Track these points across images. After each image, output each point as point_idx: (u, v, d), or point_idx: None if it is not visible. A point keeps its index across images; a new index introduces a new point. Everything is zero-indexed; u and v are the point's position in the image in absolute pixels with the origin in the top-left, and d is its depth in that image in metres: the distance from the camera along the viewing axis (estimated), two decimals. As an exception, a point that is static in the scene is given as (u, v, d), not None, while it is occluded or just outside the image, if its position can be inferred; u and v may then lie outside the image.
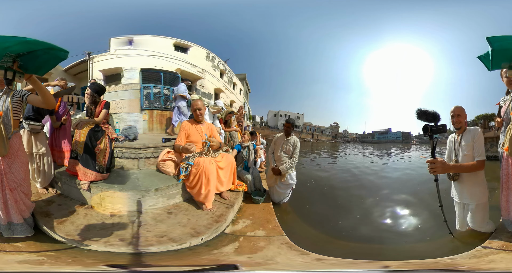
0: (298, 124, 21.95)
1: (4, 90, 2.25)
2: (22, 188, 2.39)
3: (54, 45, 2.05)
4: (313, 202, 4.08)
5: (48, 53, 2.12)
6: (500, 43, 2.04)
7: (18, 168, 2.33)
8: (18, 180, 2.34)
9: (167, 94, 6.93)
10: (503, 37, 2.02)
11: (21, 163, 2.36)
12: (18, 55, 2.05)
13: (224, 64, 8.93)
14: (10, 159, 2.28)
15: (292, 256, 2.27)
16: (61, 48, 2.10)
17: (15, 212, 2.33)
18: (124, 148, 3.69)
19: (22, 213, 2.39)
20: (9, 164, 2.28)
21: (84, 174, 2.98)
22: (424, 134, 2.32)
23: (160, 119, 6.79)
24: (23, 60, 2.10)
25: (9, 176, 2.27)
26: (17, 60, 2.08)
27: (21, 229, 2.36)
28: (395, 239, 2.88)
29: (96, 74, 6.53)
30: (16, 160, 2.32)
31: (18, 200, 2.36)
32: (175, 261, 2.20)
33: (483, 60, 2.37)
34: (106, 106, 3.37)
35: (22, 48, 1.99)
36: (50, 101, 2.25)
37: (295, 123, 3.97)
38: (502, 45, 2.06)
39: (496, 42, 2.05)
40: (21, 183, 2.37)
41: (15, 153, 2.31)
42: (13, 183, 2.31)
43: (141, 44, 6.79)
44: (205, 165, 3.06)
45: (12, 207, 2.31)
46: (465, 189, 2.50)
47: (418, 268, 2.04)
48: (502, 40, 2.03)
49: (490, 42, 2.06)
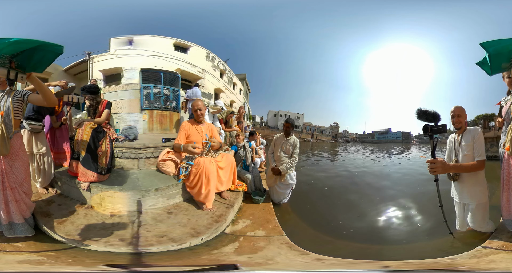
0: (298, 124, 21.96)
1: (5, 90, 2.27)
2: (23, 187, 2.40)
3: (46, 42, 2.05)
4: (313, 202, 4.08)
5: (43, 50, 2.12)
6: (494, 47, 2.06)
7: (19, 167, 2.34)
8: (19, 180, 2.34)
9: (167, 94, 6.93)
10: (496, 41, 2.03)
11: (22, 163, 2.36)
12: (12, 55, 2.05)
13: (224, 64, 8.93)
14: (11, 158, 2.28)
15: (292, 256, 2.27)
16: (53, 43, 2.10)
17: (16, 212, 2.33)
18: (124, 148, 3.69)
19: (23, 213, 2.40)
20: (10, 164, 2.28)
21: (84, 175, 2.97)
22: (424, 134, 2.31)
23: (160, 119, 6.79)
24: (19, 60, 2.11)
25: (10, 175, 2.28)
26: (13, 60, 2.08)
27: (22, 229, 2.36)
28: (395, 239, 2.88)
29: (96, 74, 6.54)
30: (17, 160, 2.32)
31: (19, 200, 2.36)
32: (175, 261, 2.20)
33: (482, 66, 2.37)
34: (108, 106, 3.36)
35: (14, 48, 1.99)
36: (52, 99, 2.24)
37: (294, 123, 3.97)
38: (496, 50, 2.07)
39: (490, 47, 2.06)
40: (22, 182, 2.37)
41: (16, 152, 2.32)
42: (14, 183, 2.31)
43: (141, 44, 6.79)
44: (205, 165, 3.07)
45: (13, 207, 2.31)
46: (465, 189, 2.50)
47: (418, 268, 2.03)
48: (495, 44, 2.04)
49: (484, 47, 2.07)
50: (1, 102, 2.22)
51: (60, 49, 2.18)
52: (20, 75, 2.10)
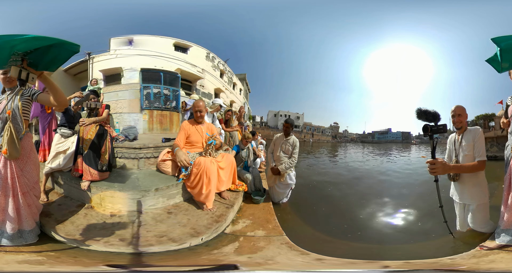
0: (298, 124, 21.94)
1: (14, 90, 2.16)
2: (35, 191, 2.30)
3: (63, 40, 1.97)
4: (313, 202, 4.08)
5: (59, 48, 2.03)
6: (507, 42, 2.01)
7: (31, 170, 2.22)
8: (31, 183, 2.23)
9: (167, 94, 6.93)
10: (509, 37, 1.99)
11: (33, 165, 2.25)
12: (25, 53, 1.97)
13: (224, 64, 8.92)
14: (22, 161, 2.17)
15: (292, 256, 2.27)
16: (70, 42, 2.01)
17: (29, 217, 2.21)
18: (124, 148, 3.69)
19: (35, 217, 2.32)
20: (21, 167, 2.16)
21: (87, 173, 3.01)
22: (424, 134, 2.29)
23: (160, 119, 6.79)
24: (31, 58, 2.03)
25: (21, 180, 2.16)
26: (25, 58, 2.00)
27: (33, 234, 2.26)
28: (395, 239, 2.88)
29: (96, 74, 6.54)
30: (29, 162, 2.21)
31: (31, 204, 2.26)
32: (175, 261, 2.20)
33: (491, 63, 2.33)
34: (107, 106, 3.52)
35: (29, 45, 1.90)
36: (63, 100, 2.10)
37: (294, 123, 3.96)
38: (509, 44, 2.02)
39: (503, 41, 2.02)
40: (34, 185, 2.27)
41: (28, 154, 2.20)
42: (25, 187, 2.19)
43: (141, 44, 6.79)
44: (206, 165, 3.06)
45: (25, 213, 2.19)
46: (466, 190, 2.49)
47: (418, 268, 2.03)
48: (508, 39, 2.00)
49: (496, 42, 2.03)
50: (9, 102, 2.10)
51: (77, 48, 2.09)
52: (31, 76, 2.02)
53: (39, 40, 1.89)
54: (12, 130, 2.05)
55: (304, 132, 22.83)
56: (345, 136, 28.63)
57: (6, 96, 2.17)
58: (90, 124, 3.18)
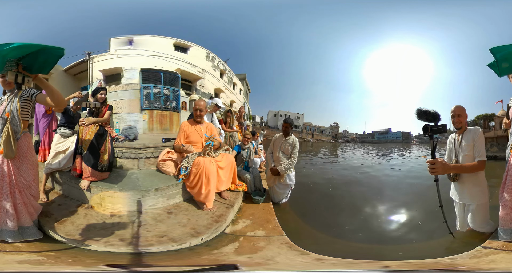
0: (298, 124, 21.93)
1: (13, 91, 2.24)
2: (31, 190, 2.35)
3: (46, 45, 2.04)
4: (313, 202, 4.08)
5: (44, 53, 2.11)
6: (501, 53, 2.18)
7: (27, 169, 2.28)
8: (27, 183, 2.29)
9: (167, 94, 6.93)
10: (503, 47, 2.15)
11: (30, 165, 2.31)
12: (19, 58, 2.06)
13: (224, 64, 8.92)
14: (18, 160, 2.23)
15: (292, 256, 2.27)
16: (54, 46, 2.09)
17: (25, 215, 2.27)
18: (124, 148, 3.69)
19: (31, 216, 2.35)
20: (18, 166, 2.23)
21: (86, 173, 3.01)
22: (424, 134, 2.30)
23: (160, 119, 6.78)
24: (25, 62, 2.11)
25: (18, 178, 2.22)
26: (20, 63, 2.08)
27: (31, 232, 2.31)
28: (395, 239, 2.88)
29: (96, 74, 6.54)
30: (25, 162, 2.27)
31: (27, 203, 2.31)
32: (175, 261, 2.20)
33: (492, 68, 2.44)
34: (110, 108, 3.51)
35: (18, 53, 2.00)
36: (60, 100, 2.18)
37: (293, 122, 3.92)
38: (503, 55, 2.19)
39: (497, 53, 2.18)
40: (30, 185, 2.32)
41: (24, 154, 2.26)
42: (22, 186, 2.25)
43: (141, 44, 6.79)
44: (205, 165, 3.06)
45: (22, 210, 2.26)
46: (466, 190, 2.49)
47: (418, 268, 2.03)
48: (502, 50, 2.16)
49: (492, 53, 2.19)
50: (8, 103, 2.18)
51: (61, 52, 2.17)
52: (26, 79, 2.09)
53: (24, 48, 1.98)
54: (10, 131, 2.12)
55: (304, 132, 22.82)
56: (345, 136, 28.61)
57: (6, 97, 2.26)
58: (90, 124, 3.18)
